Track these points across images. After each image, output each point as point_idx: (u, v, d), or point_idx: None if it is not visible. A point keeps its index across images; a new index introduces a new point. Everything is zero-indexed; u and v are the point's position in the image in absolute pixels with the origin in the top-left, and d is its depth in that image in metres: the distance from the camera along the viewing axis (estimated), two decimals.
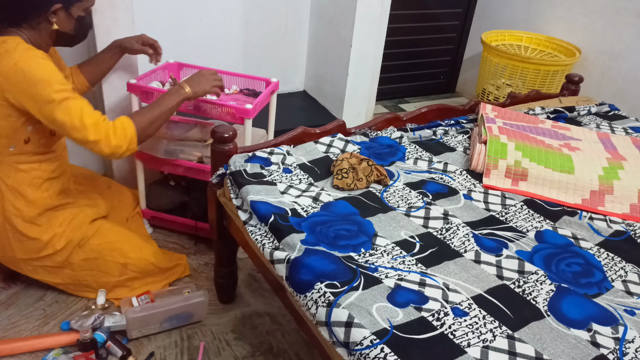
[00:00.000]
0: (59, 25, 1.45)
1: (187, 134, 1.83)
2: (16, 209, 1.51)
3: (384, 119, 1.79)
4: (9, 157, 1.48)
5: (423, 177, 1.53)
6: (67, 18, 1.46)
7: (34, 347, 1.53)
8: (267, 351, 1.63)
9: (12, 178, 1.50)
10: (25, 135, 1.46)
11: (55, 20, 1.43)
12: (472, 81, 3.63)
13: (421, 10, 3.40)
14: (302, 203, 1.33)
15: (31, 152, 1.50)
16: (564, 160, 1.58)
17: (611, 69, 2.85)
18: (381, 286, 1.08)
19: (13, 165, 1.49)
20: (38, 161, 1.53)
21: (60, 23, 1.45)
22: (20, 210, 1.52)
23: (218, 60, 2.42)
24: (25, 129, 1.45)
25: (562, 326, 1.04)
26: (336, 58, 2.49)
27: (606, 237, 1.36)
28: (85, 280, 1.67)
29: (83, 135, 1.39)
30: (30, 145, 1.48)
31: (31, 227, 1.55)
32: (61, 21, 1.45)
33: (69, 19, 1.46)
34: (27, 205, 1.53)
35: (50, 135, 1.53)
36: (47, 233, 1.57)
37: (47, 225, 1.57)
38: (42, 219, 1.56)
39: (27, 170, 1.52)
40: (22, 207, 1.52)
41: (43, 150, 1.53)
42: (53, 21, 1.43)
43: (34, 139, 1.48)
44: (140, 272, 1.72)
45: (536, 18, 3.20)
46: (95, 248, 1.64)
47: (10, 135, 1.44)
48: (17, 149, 1.47)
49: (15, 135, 1.44)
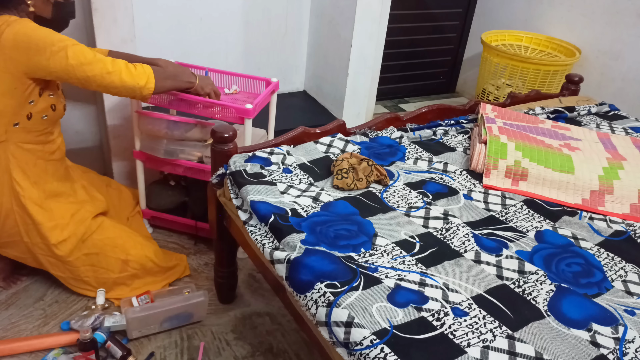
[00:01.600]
0: (35, 8, 1.48)
1: (187, 134, 1.83)
2: (23, 189, 1.54)
3: (384, 119, 1.79)
4: (15, 135, 1.50)
5: (423, 177, 1.53)
6: (44, 2, 1.49)
7: (34, 347, 1.53)
8: (267, 351, 1.63)
9: (18, 158, 1.53)
10: (28, 111, 1.49)
11: (32, 3, 1.46)
12: (472, 81, 3.63)
13: (421, 10, 3.40)
14: (302, 203, 1.33)
15: (34, 130, 1.53)
16: (564, 160, 1.58)
17: (611, 69, 2.85)
18: (381, 286, 1.08)
19: (18, 145, 1.52)
20: (40, 142, 1.57)
21: (37, 6, 1.48)
22: (27, 190, 1.55)
23: (218, 60, 2.42)
24: (27, 104, 1.48)
25: (562, 326, 1.04)
26: (336, 58, 2.49)
27: (606, 237, 1.36)
28: (85, 276, 1.68)
29: (101, 67, 1.46)
30: (32, 122, 1.51)
31: (38, 210, 1.57)
32: (38, 4, 1.48)
33: (46, 3, 1.49)
34: (32, 185, 1.56)
35: (50, 110, 1.55)
36: (51, 220, 1.59)
37: (51, 213, 1.59)
38: (47, 205, 1.59)
39: (31, 151, 1.55)
40: (29, 187, 1.55)
41: (44, 129, 1.56)
42: (29, 3, 1.46)
43: (36, 115, 1.51)
44: (140, 270, 1.73)
45: (536, 18, 3.19)
46: (97, 243, 1.66)
47: (14, 112, 1.46)
48: (21, 126, 1.50)
49: (19, 110, 1.47)
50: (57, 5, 1.51)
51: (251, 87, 1.99)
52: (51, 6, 1.50)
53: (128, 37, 1.92)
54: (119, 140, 2.09)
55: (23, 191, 1.54)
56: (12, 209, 1.55)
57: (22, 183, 1.54)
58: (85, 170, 1.92)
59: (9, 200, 1.54)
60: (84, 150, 2.28)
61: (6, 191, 1.53)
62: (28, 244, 1.60)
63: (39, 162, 1.58)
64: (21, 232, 1.58)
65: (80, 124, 2.21)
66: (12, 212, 1.55)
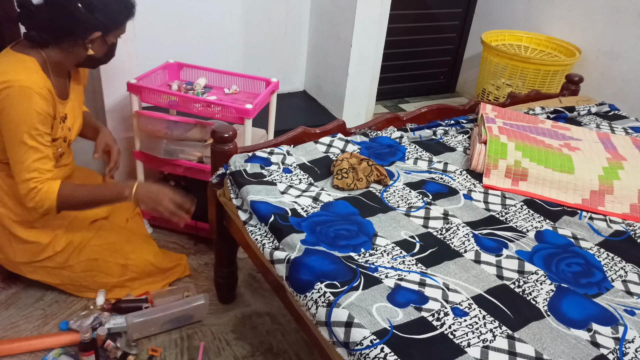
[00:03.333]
0: (94, 51, 1.45)
1: (187, 134, 1.83)
2: (15, 214, 1.53)
3: (384, 119, 1.79)
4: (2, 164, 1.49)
5: (423, 177, 1.53)
6: (102, 44, 1.46)
7: (34, 347, 1.53)
8: (267, 351, 1.63)
9: (7, 184, 1.51)
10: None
11: (91, 46, 1.44)
12: (472, 81, 3.63)
13: (421, 10, 3.40)
14: (302, 203, 1.33)
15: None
16: (564, 160, 1.58)
17: (611, 69, 2.85)
18: (381, 286, 1.08)
19: (8, 171, 1.49)
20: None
21: (96, 49, 1.45)
22: (19, 215, 1.53)
23: (218, 60, 2.42)
24: None
25: (562, 326, 1.04)
26: (336, 58, 2.49)
27: (606, 237, 1.36)
28: (85, 281, 1.68)
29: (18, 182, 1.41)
30: None
31: (30, 231, 1.56)
32: (96, 47, 1.45)
33: (103, 46, 1.47)
34: (25, 210, 1.53)
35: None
36: (46, 235, 1.58)
37: (47, 228, 1.58)
38: (41, 222, 1.57)
39: None
40: (21, 212, 1.53)
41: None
42: (89, 47, 1.43)
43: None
44: (140, 273, 1.72)
45: (536, 18, 3.20)
46: (96, 249, 1.65)
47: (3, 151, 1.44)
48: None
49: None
50: (112, 46, 1.50)
51: (251, 87, 1.99)
52: (107, 48, 1.48)
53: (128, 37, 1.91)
54: (119, 140, 2.08)
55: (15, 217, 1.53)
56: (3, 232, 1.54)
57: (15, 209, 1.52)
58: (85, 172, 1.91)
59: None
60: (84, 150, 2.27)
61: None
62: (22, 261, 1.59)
63: None
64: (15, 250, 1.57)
65: None
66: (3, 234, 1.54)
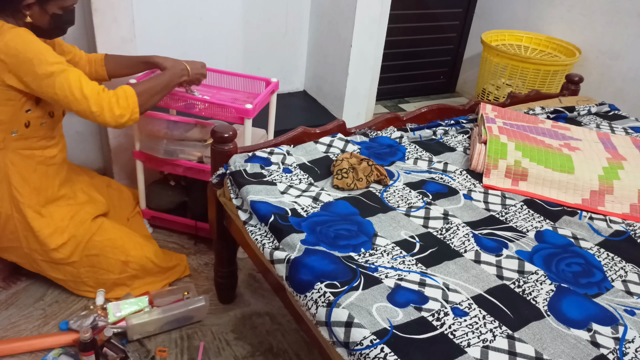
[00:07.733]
0: (33, 19, 1.45)
1: (187, 134, 1.83)
2: (22, 196, 1.54)
3: (384, 119, 1.79)
4: (13, 142, 1.50)
5: (423, 177, 1.53)
6: (41, 13, 1.45)
7: (34, 347, 1.53)
8: (267, 351, 1.63)
9: (17, 165, 1.52)
10: (25, 119, 1.48)
11: (29, 13, 1.43)
12: (472, 81, 3.63)
13: (421, 10, 3.40)
14: (302, 203, 1.33)
15: (33, 136, 1.52)
16: (564, 160, 1.58)
17: (611, 69, 2.85)
18: (381, 286, 1.08)
19: (17, 152, 1.51)
20: (40, 147, 1.56)
21: (34, 17, 1.45)
22: (26, 197, 1.54)
23: (218, 60, 2.42)
24: (24, 113, 1.47)
25: (562, 326, 1.04)
26: (336, 58, 2.49)
27: (606, 237, 1.36)
28: (85, 278, 1.68)
29: (85, 107, 1.42)
30: (31, 129, 1.51)
31: (37, 217, 1.56)
32: (35, 15, 1.44)
33: (43, 15, 1.45)
34: (32, 192, 1.55)
35: (49, 117, 1.55)
36: (48, 227, 1.58)
37: (50, 219, 1.59)
38: (46, 211, 1.58)
39: (31, 157, 1.54)
40: (28, 194, 1.55)
41: (43, 135, 1.55)
42: (27, 14, 1.43)
43: (34, 122, 1.50)
44: (140, 270, 1.73)
45: (536, 18, 3.19)
46: (97, 245, 1.65)
47: (11, 120, 1.46)
48: (19, 134, 1.49)
49: (16, 119, 1.46)
50: (54, 16, 1.47)
51: (251, 87, 1.99)
52: (49, 17, 1.46)
53: (128, 37, 1.93)
54: (119, 140, 2.09)
55: (22, 198, 1.53)
56: (12, 215, 1.55)
57: (22, 190, 1.53)
58: (85, 171, 1.92)
59: (9, 206, 1.54)
60: (84, 150, 2.28)
61: (6, 197, 1.53)
62: (26, 250, 1.60)
63: (39, 168, 1.57)
64: (20, 237, 1.58)
65: (80, 125, 2.21)
66: (11, 218, 1.55)
